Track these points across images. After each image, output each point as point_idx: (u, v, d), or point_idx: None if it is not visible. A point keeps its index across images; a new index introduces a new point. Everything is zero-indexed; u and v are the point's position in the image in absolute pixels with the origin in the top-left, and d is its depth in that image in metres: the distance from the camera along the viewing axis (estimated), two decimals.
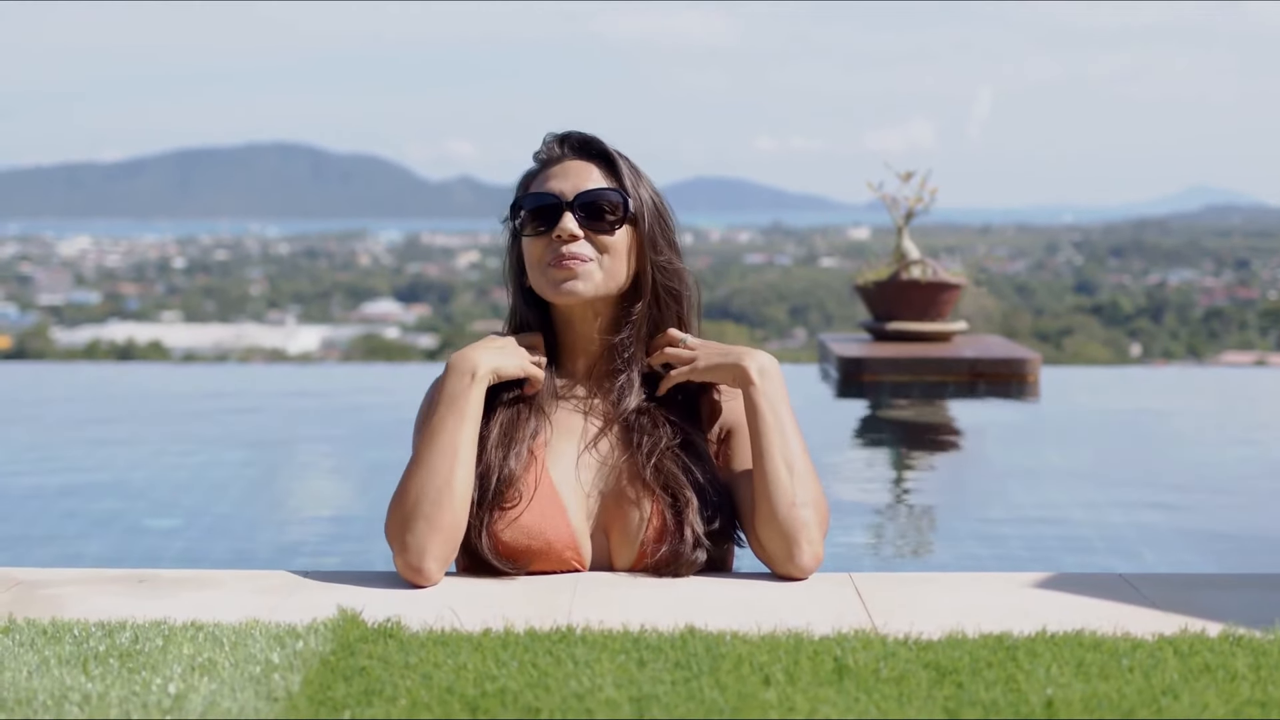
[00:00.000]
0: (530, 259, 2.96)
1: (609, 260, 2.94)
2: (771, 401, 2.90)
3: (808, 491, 2.86)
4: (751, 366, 2.92)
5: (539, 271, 2.95)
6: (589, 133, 3.01)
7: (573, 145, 3.00)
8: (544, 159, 3.01)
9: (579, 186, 2.95)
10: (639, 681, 2.20)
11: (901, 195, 11.18)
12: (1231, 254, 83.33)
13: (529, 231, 2.95)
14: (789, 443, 2.88)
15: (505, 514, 2.86)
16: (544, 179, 2.98)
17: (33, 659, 2.31)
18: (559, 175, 2.97)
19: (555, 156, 3.00)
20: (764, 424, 2.89)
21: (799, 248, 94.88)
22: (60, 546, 4.90)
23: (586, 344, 3.02)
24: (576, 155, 2.99)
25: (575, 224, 2.92)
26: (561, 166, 2.98)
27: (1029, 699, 2.14)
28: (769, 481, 2.85)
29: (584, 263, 2.92)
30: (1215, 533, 5.19)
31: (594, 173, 2.97)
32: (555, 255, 2.92)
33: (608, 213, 2.93)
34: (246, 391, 10.33)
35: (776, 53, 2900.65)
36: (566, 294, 2.92)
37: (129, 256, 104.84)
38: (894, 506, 5.74)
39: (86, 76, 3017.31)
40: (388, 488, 2.88)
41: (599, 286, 2.94)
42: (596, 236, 2.93)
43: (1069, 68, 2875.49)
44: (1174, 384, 12.03)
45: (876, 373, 9.80)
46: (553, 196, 2.94)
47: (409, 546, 2.82)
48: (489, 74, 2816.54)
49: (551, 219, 2.93)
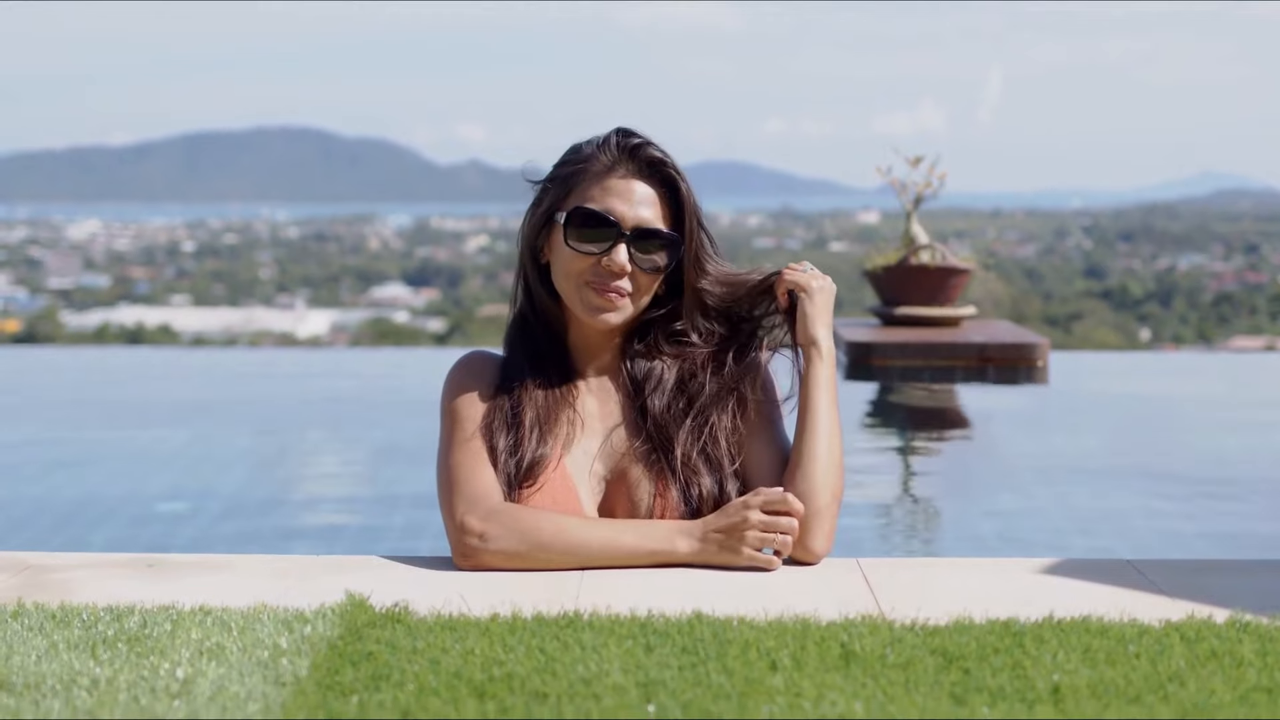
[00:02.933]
0: (568, 268, 2.94)
1: (642, 296, 2.94)
2: (829, 384, 2.93)
3: (839, 484, 2.89)
4: (825, 343, 2.94)
5: (575, 286, 2.93)
6: (658, 149, 2.94)
7: (641, 164, 2.94)
8: (609, 164, 2.95)
9: (640, 218, 2.91)
10: (646, 666, 2.21)
11: (910, 180, 11.17)
12: (1241, 239, 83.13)
13: (575, 243, 2.92)
14: (835, 432, 2.91)
15: (523, 494, 2.88)
16: (604, 191, 2.93)
17: (41, 643, 2.32)
18: (622, 195, 2.92)
19: (622, 168, 2.94)
20: (819, 403, 2.91)
21: (808, 232, 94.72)
22: (69, 531, 4.91)
23: (606, 339, 3.02)
24: (643, 176, 2.94)
25: (627, 259, 2.90)
26: (626, 185, 2.93)
27: (1035, 685, 2.14)
28: (809, 461, 2.87)
29: (623, 296, 2.92)
30: (1223, 518, 5.19)
31: (656, 205, 2.93)
32: (599, 280, 2.91)
33: (657, 255, 2.92)
34: (255, 375, 10.34)
35: (785, 36, 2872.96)
36: (600, 321, 2.93)
37: (138, 240, 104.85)
38: (901, 492, 5.74)
39: (96, 60, 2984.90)
40: (396, 471, 2.88)
41: (628, 318, 2.95)
42: (640, 273, 2.92)
43: (1079, 52, 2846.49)
44: (1183, 369, 12.02)
45: (885, 357, 9.80)
46: (611, 221, 2.90)
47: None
48: (498, 58, 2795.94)
49: (603, 242, 2.90)
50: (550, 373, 2.99)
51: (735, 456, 2.97)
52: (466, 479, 2.86)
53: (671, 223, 2.94)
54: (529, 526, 2.81)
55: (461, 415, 2.95)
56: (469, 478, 2.86)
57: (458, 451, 2.90)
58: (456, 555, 2.84)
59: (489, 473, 2.88)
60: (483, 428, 2.93)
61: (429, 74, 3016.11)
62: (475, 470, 2.87)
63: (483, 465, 2.88)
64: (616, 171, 2.94)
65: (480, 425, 2.93)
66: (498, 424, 2.93)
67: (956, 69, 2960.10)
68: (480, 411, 2.95)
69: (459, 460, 2.89)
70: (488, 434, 2.92)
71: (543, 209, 2.98)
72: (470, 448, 2.90)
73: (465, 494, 2.84)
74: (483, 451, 2.90)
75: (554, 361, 3.01)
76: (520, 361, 3.01)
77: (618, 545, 2.81)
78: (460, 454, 2.89)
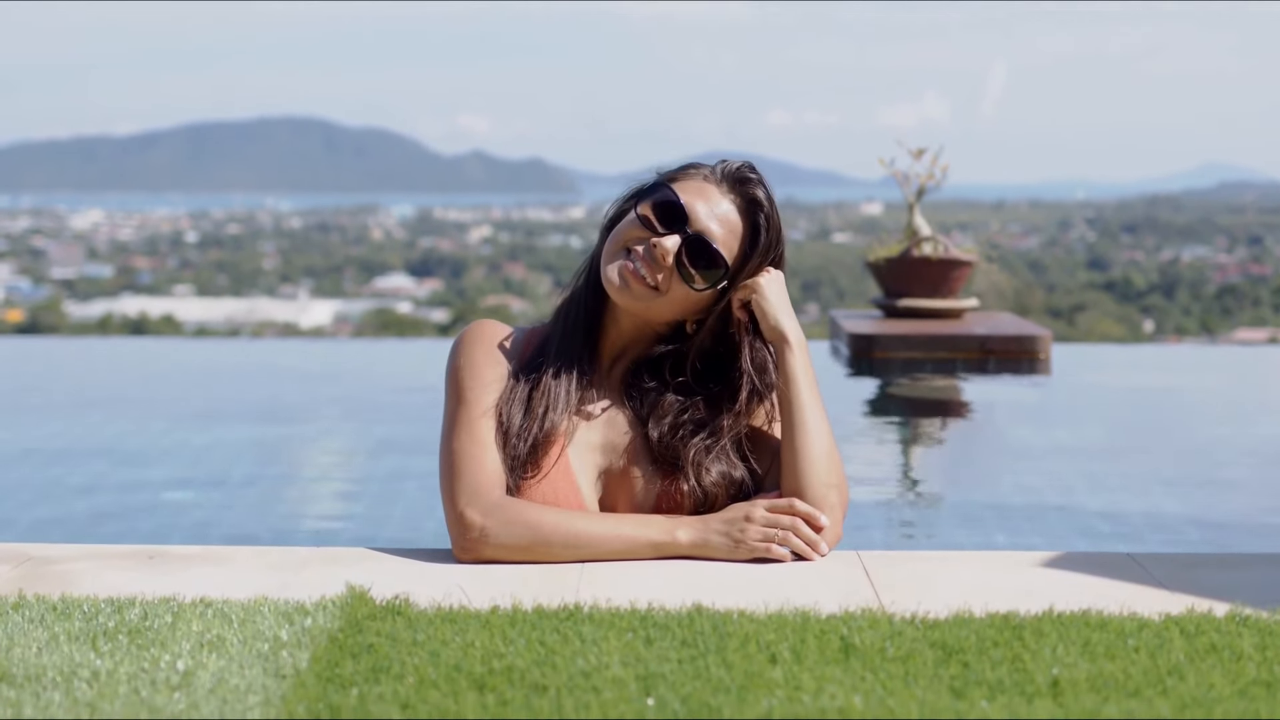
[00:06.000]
0: (622, 233, 2.94)
1: (663, 301, 2.92)
2: (807, 374, 2.92)
3: (836, 472, 2.89)
4: (794, 333, 2.94)
5: (614, 251, 2.93)
6: (764, 191, 2.94)
7: (741, 195, 2.94)
8: (713, 177, 2.95)
9: (709, 230, 2.90)
10: (646, 660, 2.21)
11: (913, 172, 11.16)
12: (1245, 231, 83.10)
13: (642, 212, 2.92)
14: (822, 420, 2.90)
15: (525, 482, 2.88)
16: (696, 191, 2.93)
17: (42, 635, 2.32)
18: (707, 201, 2.92)
19: (722, 184, 2.94)
20: (801, 396, 2.90)
21: (811, 223, 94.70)
22: (71, 522, 4.91)
23: (631, 338, 3.01)
24: (734, 204, 2.93)
25: (672, 250, 2.88)
26: (717, 198, 2.93)
27: (1035, 678, 2.14)
28: (801, 458, 2.87)
29: (645, 284, 2.90)
30: (1224, 512, 5.19)
31: (732, 232, 2.92)
32: (637, 255, 2.90)
33: (701, 269, 2.90)
34: (258, 366, 10.35)
35: (790, 27, 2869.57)
36: (611, 290, 2.92)
37: (141, 230, 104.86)
38: (903, 484, 5.74)
39: (100, 50, 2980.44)
40: (397, 463, 2.88)
41: (639, 308, 2.93)
42: (676, 278, 2.90)
43: (1084, 43, 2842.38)
44: (1186, 362, 12.01)
45: (887, 350, 9.79)
46: (683, 213, 2.90)
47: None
48: (502, 48, 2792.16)
49: (665, 221, 2.90)
50: (574, 357, 2.98)
51: (746, 458, 2.98)
52: (469, 467, 2.85)
53: (739, 263, 2.93)
54: (530, 522, 2.81)
55: (469, 391, 2.92)
56: (472, 466, 2.85)
57: (462, 434, 2.88)
58: (457, 548, 2.84)
59: (492, 460, 2.87)
60: (497, 403, 2.92)
61: (432, 64, 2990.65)
62: (478, 458, 2.86)
63: (487, 451, 2.87)
64: (715, 183, 2.95)
65: (492, 402, 2.92)
66: (515, 398, 2.92)
67: (960, 60, 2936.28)
68: (492, 387, 2.93)
69: (463, 444, 2.87)
70: (501, 410, 2.91)
71: (634, 193, 2.99)
72: (476, 430, 2.88)
73: (467, 484, 2.83)
74: (489, 433, 2.88)
75: (582, 348, 3.00)
76: (555, 337, 3.00)
77: (619, 537, 2.81)
78: (464, 437, 2.88)
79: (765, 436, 3.00)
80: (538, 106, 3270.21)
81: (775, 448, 2.98)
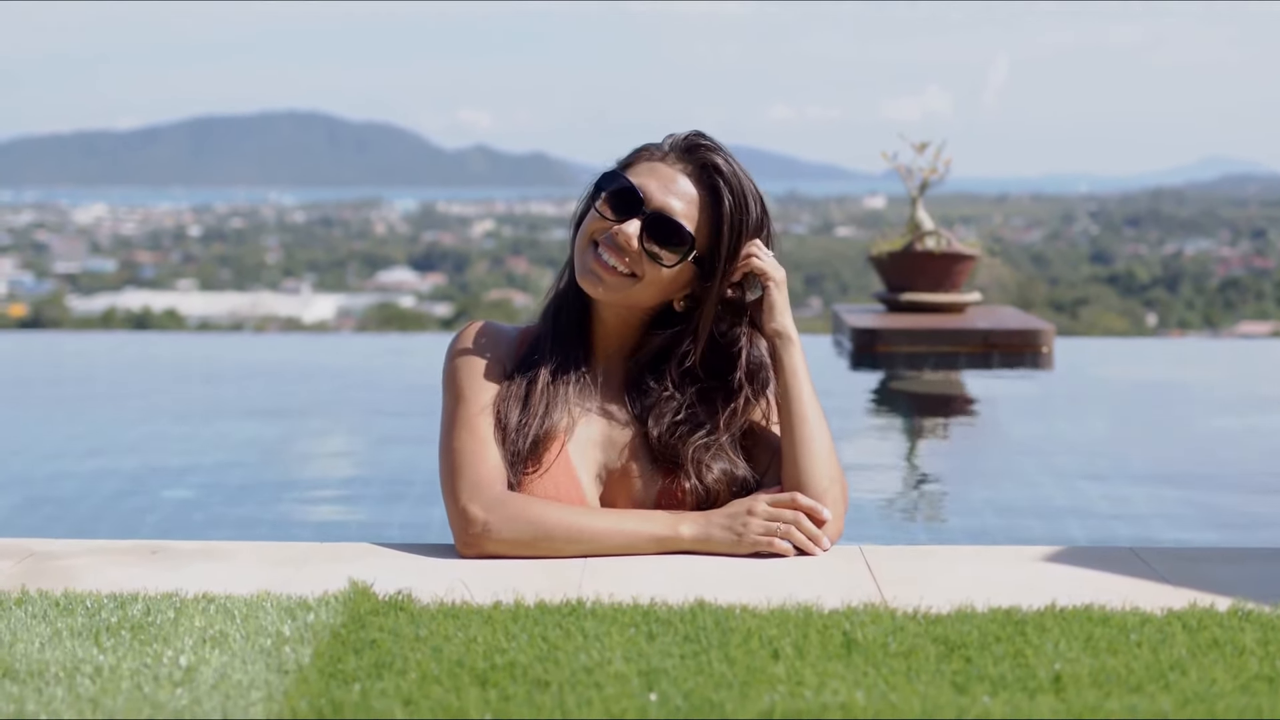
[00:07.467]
0: (584, 230, 2.95)
1: (641, 286, 2.92)
2: (805, 370, 2.93)
3: (835, 468, 2.89)
4: (793, 330, 2.94)
5: (582, 248, 2.94)
6: (719, 157, 2.92)
7: (694, 164, 2.93)
8: (664, 152, 2.96)
9: (667, 206, 2.90)
10: (648, 655, 2.21)
11: (916, 165, 11.15)
12: (1248, 224, 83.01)
13: (599, 206, 2.92)
14: (820, 417, 2.90)
15: (526, 477, 2.88)
16: (648, 171, 2.93)
17: (45, 630, 2.32)
18: (661, 179, 2.92)
19: (674, 158, 2.94)
20: (798, 392, 2.90)
21: (814, 217, 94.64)
22: (73, 518, 4.91)
23: (618, 331, 3.01)
24: (690, 174, 2.93)
25: (636, 237, 2.89)
26: (670, 173, 2.93)
27: (1037, 673, 2.14)
28: (803, 453, 2.87)
29: (617, 274, 2.90)
30: (1227, 506, 5.18)
31: (692, 204, 2.91)
32: (604, 245, 2.90)
33: (667, 246, 2.89)
34: (261, 360, 10.35)
35: (791, 21, 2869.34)
36: (588, 287, 2.93)
37: (145, 224, 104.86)
38: (905, 478, 5.74)
39: (102, 44, 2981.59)
40: (401, 458, 2.89)
41: (619, 298, 2.93)
42: (646, 259, 2.90)
43: (1086, 36, 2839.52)
44: (1189, 355, 12.00)
45: (890, 344, 9.78)
46: (637, 196, 2.90)
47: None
48: (504, 42, 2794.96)
49: (622, 212, 2.90)
50: (569, 355, 2.98)
51: (744, 455, 2.98)
52: (470, 463, 2.85)
53: (708, 231, 2.92)
54: (533, 516, 2.81)
55: (467, 390, 2.93)
56: (473, 462, 2.85)
57: (462, 431, 2.89)
58: (459, 543, 2.84)
59: (493, 455, 2.87)
60: (495, 401, 2.92)
61: (435, 58, 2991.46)
62: (479, 453, 2.86)
63: (487, 447, 2.87)
64: (668, 159, 2.95)
65: (490, 400, 2.92)
66: (512, 396, 2.93)
67: (963, 53, 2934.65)
68: (489, 386, 2.94)
69: (463, 441, 2.88)
70: (498, 407, 2.91)
71: (594, 187, 2.98)
72: (475, 427, 2.89)
73: (468, 479, 2.84)
74: (489, 430, 2.89)
75: (575, 345, 3.00)
76: (547, 337, 3.00)
77: (621, 531, 2.81)
78: (464, 434, 2.88)
79: (764, 433, 3.01)
80: (540, 100, 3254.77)
81: (774, 444, 2.98)
